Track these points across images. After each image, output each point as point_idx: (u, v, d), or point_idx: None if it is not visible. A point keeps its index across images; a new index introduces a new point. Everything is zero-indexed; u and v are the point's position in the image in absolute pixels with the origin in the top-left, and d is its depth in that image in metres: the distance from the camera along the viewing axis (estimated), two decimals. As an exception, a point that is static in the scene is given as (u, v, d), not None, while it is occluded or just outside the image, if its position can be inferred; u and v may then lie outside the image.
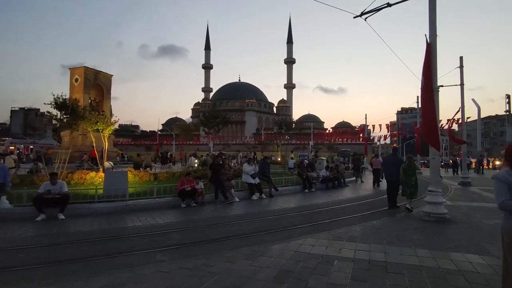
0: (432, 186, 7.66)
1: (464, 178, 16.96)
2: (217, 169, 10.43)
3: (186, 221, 7.68)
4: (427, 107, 7.59)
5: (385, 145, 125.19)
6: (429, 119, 7.55)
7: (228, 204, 9.94)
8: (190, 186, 9.42)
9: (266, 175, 11.95)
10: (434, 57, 7.69)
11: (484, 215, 8.20)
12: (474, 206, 9.66)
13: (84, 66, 29.99)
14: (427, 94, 7.59)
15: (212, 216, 8.41)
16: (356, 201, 11.02)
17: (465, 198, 11.65)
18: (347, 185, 15.76)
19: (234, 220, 7.82)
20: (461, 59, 17.60)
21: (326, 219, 7.75)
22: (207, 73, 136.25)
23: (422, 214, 7.61)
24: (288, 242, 5.47)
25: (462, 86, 17.49)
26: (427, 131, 7.66)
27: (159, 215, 8.17)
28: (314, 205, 10.17)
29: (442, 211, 7.40)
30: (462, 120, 17.93)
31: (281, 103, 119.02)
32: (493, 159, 52.55)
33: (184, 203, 9.27)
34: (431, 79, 7.59)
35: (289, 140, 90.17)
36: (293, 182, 13.69)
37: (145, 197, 9.20)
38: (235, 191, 11.13)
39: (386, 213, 8.58)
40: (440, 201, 7.46)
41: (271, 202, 10.69)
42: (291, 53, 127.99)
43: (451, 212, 8.37)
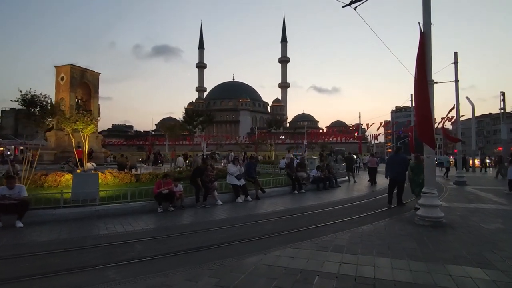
0: (427, 187, 7.05)
1: (459, 177, 16.49)
2: (201, 172, 9.73)
3: (158, 229, 6.97)
4: (421, 102, 6.98)
5: (379, 144, 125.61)
6: (423, 115, 6.95)
7: (209, 208, 9.26)
8: (167, 189, 8.71)
9: (253, 176, 11.28)
10: (429, 47, 7.08)
11: (482, 218, 7.62)
12: (471, 208, 9.08)
13: (70, 64, 28.94)
14: (421, 88, 6.98)
15: (188, 222, 7.73)
16: (347, 203, 10.39)
17: (461, 199, 11.10)
18: (339, 186, 15.16)
19: (211, 226, 7.14)
20: (456, 55, 17.12)
21: (312, 225, 7.10)
22: (201, 73, 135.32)
23: (417, 218, 6.99)
24: (265, 254, 4.81)
25: (457, 82, 17.02)
26: (421, 128, 7.05)
27: (131, 221, 7.46)
28: (302, 208, 9.53)
29: (438, 214, 6.79)
30: (457, 118, 17.44)
31: (275, 103, 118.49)
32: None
33: (161, 208, 8.56)
34: (425, 71, 6.98)
35: (283, 139, 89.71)
36: (281, 183, 13.03)
37: (118, 201, 8.46)
38: (219, 193, 10.46)
39: (377, 217, 7.95)
40: (435, 203, 6.85)
41: (257, 205, 10.03)
42: (285, 52, 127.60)
43: (448, 215, 7.77)
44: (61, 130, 28.40)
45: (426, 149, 7.10)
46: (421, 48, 7.05)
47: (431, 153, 7.03)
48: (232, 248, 5.40)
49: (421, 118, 7.02)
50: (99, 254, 5.15)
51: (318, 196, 12.16)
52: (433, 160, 7.09)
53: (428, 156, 7.08)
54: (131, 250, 5.32)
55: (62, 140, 27.00)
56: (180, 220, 7.92)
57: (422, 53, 7.00)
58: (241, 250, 5.24)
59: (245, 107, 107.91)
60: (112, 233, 6.46)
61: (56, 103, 28.80)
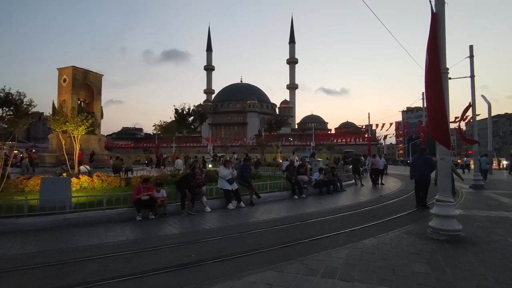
0: (441, 193, 5.97)
1: (476, 180, 15.16)
2: (188, 181, 8.83)
3: (127, 242, 6.06)
4: (433, 95, 5.92)
5: (390, 146, 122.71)
6: (436, 110, 5.89)
7: (195, 216, 8.35)
8: (147, 195, 7.85)
9: (247, 180, 10.33)
10: (442, 29, 6.02)
11: (509, 230, 6.50)
12: (493, 217, 7.92)
13: (73, 66, 28.66)
14: (434, 78, 5.92)
15: (164, 233, 6.81)
16: (350, 210, 9.33)
17: (481, 205, 9.91)
18: (344, 190, 14.07)
19: (188, 240, 6.20)
20: (471, 48, 15.86)
21: (305, 238, 6.09)
22: (209, 75, 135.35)
23: (429, 231, 5.93)
24: (238, 279, 3.86)
25: (472, 78, 15.73)
26: (435, 125, 5.99)
27: (102, 232, 6.61)
28: (298, 216, 8.51)
29: (455, 227, 5.71)
30: (473, 117, 16.10)
31: (283, 104, 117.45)
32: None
33: (139, 216, 7.69)
34: (438, 59, 5.92)
35: (292, 141, 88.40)
36: (280, 187, 12.03)
37: (92, 208, 7.63)
38: (209, 198, 9.55)
39: (383, 227, 6.88)
40: (451, 213, 5.77)
41: (249, 212, 9.08)
42: (293, 53, 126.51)
43: (466, 225, 6.66)
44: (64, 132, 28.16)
45: (440, 150, 6.04)
46: (432, 31, 5.99)
47: (445, 154, 5.96)
48: (202, 270, 4.45)
49: (433, 113, 5.96)
50: (59, 273, 4.30)
51: (319, 201, 11.12)
52: (448, 161, 6.01)
53: (442, 158, 6.01)
54: (81, 271, 4.41)
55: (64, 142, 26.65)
56: (156, 230, 7.01)
57: (434, 36, 5.95)
58: (212, 272, 4.28)
59: (253, 109, 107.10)
60: (81, 246, 5.64)
61: (58, 105, 28.70)
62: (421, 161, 9.55)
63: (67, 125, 14.43)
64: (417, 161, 9.82)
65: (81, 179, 11.74)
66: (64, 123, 14.23)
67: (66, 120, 14.34)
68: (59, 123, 14.21)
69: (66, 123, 14.30)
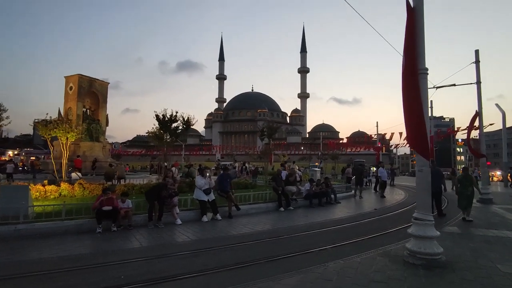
0: (419, 211, 5.23)
1: (485, 194, 14.03)
2: (157, 191, 8.33)
3: (76, 257, 5.54)
4: (410, 99, 5.23)
5: (404, 156, 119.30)
6: (413, 116, 5.19)
7: (163, 228, 7.81)
8: (109, 205, 7.36)
9: (227, 190, 9.73)
10: (420, 27, 5.37)
11: (502, 253, 5.65)
12: (491, 237, 7.04)
13: (79, 74, 29.06)
14: (410, 80, 5.25)
15: (119, 248, 6.27)
16: (333, 226, 8.59)
17: (481, 222, 8.96)
18: (338, 202, 13.24)
19: (144, 255, 5.66)
20: (477, 53, 14.93)
21: (264, 258, 5.42)
22: (220, 84, 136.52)
23: (406, 254, 5.17)
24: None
25: (478, 84, 14.76)
26: (412, 133, 5.30)
27: (50, 246, 6.16)
28: (272, 231, 7.82)
29: (434, 250, 4.93)
30: (480, 126, 15.01)
31: (294, 113, 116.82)
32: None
33: (100, 227, 7.20)
34: (414, 58, 5.26)
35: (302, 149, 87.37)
36: (265, 199, 11.35)
37: (49, 219, 7.18)
38: (184, 210, 9.01)
39: (359, 247, 6.13)
40: (430, 234, 5.00)
41: (224, 225, 8.46)
42: (305, 62, 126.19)
43: (455, 247, 5.95)
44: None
45: (418, 160, 5.31)
46: (410, 28, 5.34)
47: (424, 165, 5.22)
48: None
49: (410, 120, 5.26)
50: None
51: (305, 215, 10.39)
52: (427, 174, 5.26)
53: (420, 169, 5.27)
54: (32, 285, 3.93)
55: (69, 149, 26.83)
56: (111, 245, 6.47)
57: (411, 33, 5.29)
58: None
59: (263, 117, 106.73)
60: (25, 261, 5.20)
61: (64, 112, 29.04)
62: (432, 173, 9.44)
63: (55, 131, 14.26)
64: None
65: (61, 186, 11.41)
66: (52, 129, 14.05)
67: (54, 126, 14.16)
68: (47, 129, 14.05)
69: (55, 130, 14.11)
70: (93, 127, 29.03)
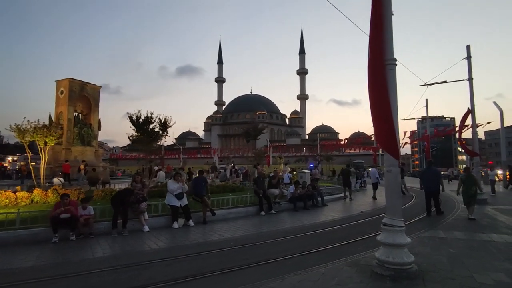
0: (389, 216, 4.74)
1: (479, 194, 13.48)
2: (124, 196, 7.88)
3: (24, 269, 5.08)
4: (376, 93, 4.77)
5: (405, 156, 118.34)
6: (380, 112, 4.72)
7: (127, 237, 7.34)
8: (67, 212, 6.91)
9: (201, 194, 9.24)
10: (388, 14, 4.90)
11: (482, 261, 5.14)
12: (476, 241, 6.54)
13: (70, 78, 28.68)
14: (376, 73, 4.77)
15: (74, 258, 5.81)
16: (311, 231, 8.07)
17: (469, 224, 8.46)
18: (325, 205, 12.72)
19: (98, 267, 5.19)
20: (469, 49, 14.48)
21: (221, 269, 4.94)
22: (219, 87, 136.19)
23: (375, 264, 4.68)
24: None
25: (470, 81, 14.28)
26: (379, 130, 4.82)
27: (5, 256, 5.71)
28: (241, 238, 7.27)
29: (404, 259, 4.43)
30: (473, 124, 14.49)
31: (293, 115, 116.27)
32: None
33: (56, 236, 6.74)
34: (381, 49, 4.79)
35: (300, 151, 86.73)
36: (245, 202, 10.85)
37: (1, 228, 6.72)
38: (155, 216, 8.54)
39: (327, 256, 5.64)
40: (400, 242, 4.50)
41: (196, 232, 7.97)
42: (303, 64, 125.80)
43: (434, 253, 5.49)
44: (59, 144, 27.87)
45: (387, 159, 4.82)
46: (375, 13, 4.87)
47: (393, 165, 4.73)
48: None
49: (377, 116, 4.78)
50: None
51: (285, 219, 9.88)
52: (396, 174, 4.77)
53: (389, 170, 4.78)
54: None
55: (59, 154, 26.43)
56: (70, 254, 6.04)
57: (376, 19, 4.82)
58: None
59: (262, 120, 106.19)
60: None
61: (55, 117, 28.66)
62: (430, 173, 10.44)
63: (33, 136, 13.85)
64: (426, 173, 10.73)
65: (34, 192, 10.97)
66: (29, 134, 13.64)
67: (32, 131, 13.75)
68: (22, 134, 13.63)
69: (32, 134, 13.70)
70: (84, 131, 28.52)
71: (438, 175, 10.52)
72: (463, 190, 9.43)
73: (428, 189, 10.08)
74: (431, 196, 10.06)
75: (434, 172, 10.45)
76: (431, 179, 10.15)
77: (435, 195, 10.03)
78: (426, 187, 10.18)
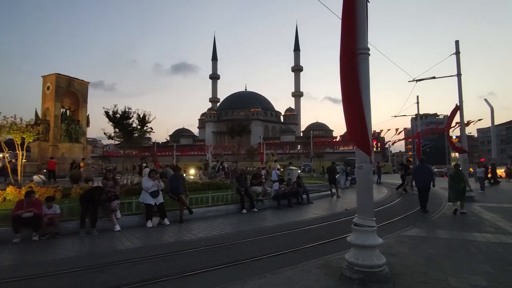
0: (360, 215, 4.46)
1: (467, 191, 13.32)
2: (93, 194, 7.52)
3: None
4: (347, 85, 4.46)
5: (399, 153, 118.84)
6: (351, 105, 4.42)
7: (97, 236, 7.00)
8: (30, 211, 6.54)
9: (178, 192, 8.91)
10: (361, 1, 4.59)
11: (461, 262, 4.88)
12: (458, 240, 6.29)
13: (56, 73, 28.02)
14: (347, 63, 4.47)
15: (35, 260, 5.45)
16: (290, 229, 7.78)
17: (453, 222, 8.26)
18: (311, 202, 12.46)
19: (61, 268, 4.84)
20: (457, 44, 14.25)
21: (178, 273, 4.61)
22: (214, 84, 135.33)
23: (344, 266, 4.39)
24: None
25: (459, 76, 14.07)
26: (350, 126, 4.51)
27: None
28: (215, 237, 6.95)
29: (374, 261, 4.16)
30: (461, 120, 14.29)
31: (288, 112, 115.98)
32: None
33: (17, 237, 6.37)
34: (353, 37, 4.48)
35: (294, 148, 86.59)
36: (226, 200, 10.54)
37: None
38: (126, 215, 8.19)
39: (301, 257, 5.36)
40: (370, 243, 4.22)
41: (170, 231, 7.64)
42: (298, 61, 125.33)
43: (411, 254, 5.24)
44: (46, 141, 27.24)
45: (358, 155, 4.52)
46: (349, 3, 4.56)
47: (364, 161, 4.44)
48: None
49: (349, 109, 4.47)
50: None
51: (266, 217, 9.58)
52: (367, 171, 4.48)
53: (360, 166, 4.49)
54: None
55: (46, 151, 25.83)
56: (32, 255, 5.69)
57: (348, 5, 4.50)
58: None
59: (257, 117, 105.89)
60: None
61: (42, 113, 28.01)
62: (422, 170, 10.56)
63: (10, 132, 13.36)
64: (419, 170, 10.74)
65: (6, 190, 10.55)
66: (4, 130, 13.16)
67: (8, 127, 13.27)
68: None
69: (7, 130, 13.22)
70: (72, 127, 27.93)
71: (430, 172, 10.73)
72: (452, 186, 9.64)
73: (422, 186, 10.24)
74: (425, 192, 10.26)
75: (426, 169, 10.60)
76: (423, 176, 10.33)
77: (424, 192, 10.19)
78: (421, 184, 10.32)
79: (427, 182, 10.29)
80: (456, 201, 9.64)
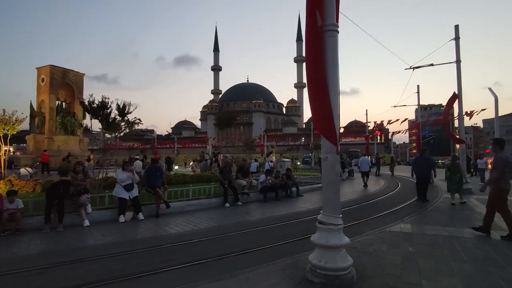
0: (325, 212, 4.00)
1: (464, 183, 12.79)
2: (58, 187, 7.13)
3: None
4: (311, 65, 3.95)
5: (403, 145, 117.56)
6: (316, 90, 3.92)
7: (62, 231, 6.64)
8: (-11, 207, 6.19)
9: (154, 185, 8.51)
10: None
11: (441, 261, 4.42)
12: (443, 237, 5.82)
13: (51, 65, 27.60)
14: (312, 44, 3.95)
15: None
16: (270, 224, 7.38)
17: (443, 217, 7.79)
18: (300, 195, 12.02)
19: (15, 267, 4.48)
20: (457, 29, 13.56)
21: (124, 275, 4.21)
22: (216, 75, 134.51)
23: (307, 269, 3.96)
24: None
25: (458, 63, 13.41)
26: (316, 112, 4.02)
27: None
28: (188, 234, 6.51)
29: (338, 264, 3.71)
30: (460, 111, 13.66)
31: (290, 103, 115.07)
32: None
33: (-26, 234, 6.04)
34: (320, 13, 3.95)
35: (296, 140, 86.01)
36: (208, 193, 10.13)
37: None
38: (98, 209, 7.82)
39: (271, 255, 4.94)
40: (334, 243, 3.77)
41: (142, 226, 7.27)
42: (301, 51, 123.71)
43: (388, 253, 4.84)
44: (41, 134, 27.01)
45: (323, 145, 4.04)
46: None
47: (329, 152, 3.96)
48: None
49: (312, 93, 3.97)
50: None
51: (248, 211, 9.17)
52: (333, 163, 4.01)
53: (325, 157, 4.01)
54: None
55: (41, 143, 25.62)
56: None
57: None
58: None
59: (258, 109, 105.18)
60: None
61: (37, 105, 27.72)
62: (422, 160, 10.66)
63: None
64: (418, 160, 10.93)
65: (-17, 184, 10.25)
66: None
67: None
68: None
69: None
70: (67, 120, 27.60)
71: (430, 162, 10.93)
72: (448, 177, 9.81)
73: (421, 176, 10.31)
74: (421, 182, 10.32)
75: (427, 160, 10.68)
76: (424, 166, 10.40)
77: (424, 183, 10.33)
78: (419, 174, 10.41)
79: (426, 172, 10.37)
80: (455, 192, 9.70)
